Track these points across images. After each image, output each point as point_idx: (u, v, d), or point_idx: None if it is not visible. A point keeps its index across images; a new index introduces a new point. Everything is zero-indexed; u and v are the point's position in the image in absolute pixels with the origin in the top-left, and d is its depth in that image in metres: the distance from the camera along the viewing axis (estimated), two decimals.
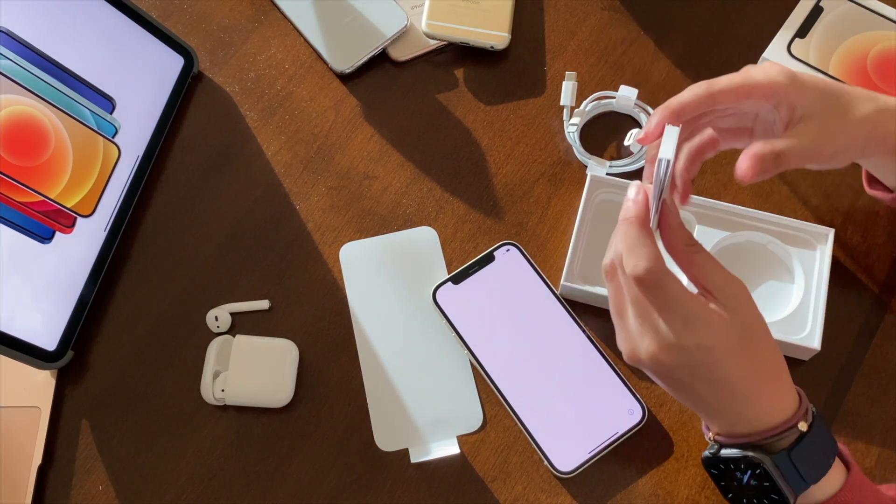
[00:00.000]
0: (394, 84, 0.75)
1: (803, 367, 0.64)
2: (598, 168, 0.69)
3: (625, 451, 0.61)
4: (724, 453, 0.52)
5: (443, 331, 0.65)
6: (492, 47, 0.74)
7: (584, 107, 0.72)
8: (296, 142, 0.72)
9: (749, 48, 0.74)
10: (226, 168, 0.71)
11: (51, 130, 0.63)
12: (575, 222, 0.66)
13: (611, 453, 0.61)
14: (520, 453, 0.62)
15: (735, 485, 0.52)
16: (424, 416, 0.63)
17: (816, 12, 0.73)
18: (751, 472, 0.50)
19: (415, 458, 0.60)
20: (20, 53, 0.61)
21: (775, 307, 0.64)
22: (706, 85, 0.52)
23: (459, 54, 0.76)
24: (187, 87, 0.74)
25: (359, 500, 0.61)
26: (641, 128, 0.71)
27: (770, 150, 0.51)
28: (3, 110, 0.60)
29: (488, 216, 0.69)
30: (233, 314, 0.66)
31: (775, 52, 0.72)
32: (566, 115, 0.72)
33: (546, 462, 0.61)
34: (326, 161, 0.72)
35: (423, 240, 0.69)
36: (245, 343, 0.63)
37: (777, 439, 0.49)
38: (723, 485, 0.54)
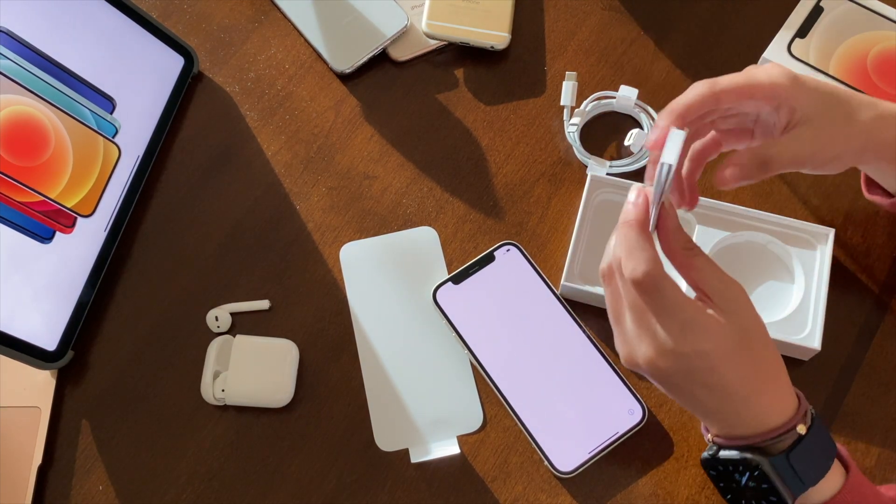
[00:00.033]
0: (394, 84, 0.75)
1: (803, 367, 0.64)
2: (598, 168, 0.69)
3: (625, 451, 0.61)
4: (723, 455, 0.52)
5: (443, 331, 0.65)
6: (492, 47, 0.74)
7: (584, 107, 0.72)
8: (296, 142, 0.72)
9: (749, 48, 0.74)
10: (226, 168, 0.71)
11: (51, 130, 0.63)
12: (575, 222, 0.66)
13: (611, 453, 0.61)
14: (520, 453, 0.62)
15: (734, 486, 0.52)
16: (424, 416, 0.63)
17: (816, 12, 0.73)
18: (749, 473, 0.50)
19: (415, 458, 0.60)
20: (20, 53, 0.61)
21: (775, 307, 0.64)
22: (709, 84, 0.52)
23: (459, 54, 0.76)
24: (187, 87, 0.74)
25: (359, 500, 0.61)
26: (642, 128, 0.71)
27: (755, 157, 0.51)
28: (3, 110, 0.60)
29: (488, 216, 0.69)
30: (233, 314, 0.66)
31: (775, 52, 0.72)
32: (566, 115, 0.72)
33: (546, 462, 0.61)
34: (326, 161, 0.72)
35: (424, 240, 0.69)
36: (245, 343, 0.63)
37: (775, 442, 0.49)
38: (722, 486, 0.53)
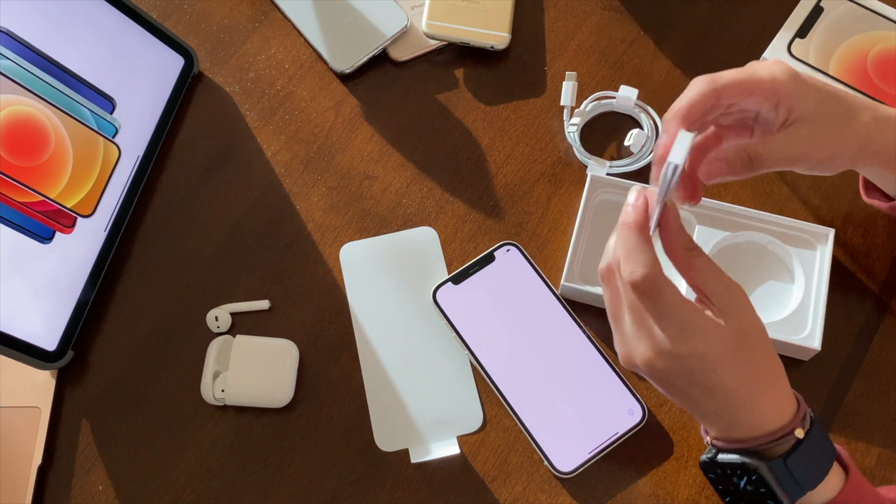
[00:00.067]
0: (394, 84, 0.75)
1: (803, 368, 0.64)
2: (598, 168, 0.69)
3: (625, 451, 0.61)
4: (721, 458, 0.51)
5: (443, 331, 0.65)
6: (492, 47, 0.74)
7: (584, 107, 0.72)
8: (296, 142, 0.72)
9: (749, 48, 0.74)
10: (226, 168, 0.71)
11: (51, 130, 0.63)
12: (575, 222, 0.66)
13: (611, 453, 0.61)
14: (520, 453, 0.62)
15: (732, 490, 0.52)
16: (424, 416, 0.63)
17: (816, 12, 0.73)
18: (747, 478, 0.50)
19: (415, 458, 0.60)
20: (20, 53, 0.61)
21: (775, 307, 0.64)
22: (710, 80, 0.51)
23: (459, 54, 0.76)
24: (187, 87, 0.74)
25: (359, 500, 0.61)
26: (642, 128, 0.71)
27: (743, 153, 0.51)
28: (3, 110, 0.60)
29: (488, 216, 0.69)
30: (233, 314, 0.66)
31: (775, 52, 0.72)
32: (566, 115, 0.72)
33: (546, 462, 0.61)
34: (326, 161, 0.72)
35: (424, 240, 0.69)
36: (245, 343, 0.63)
37: (773, 445, 0.49)
38: (720, 489, 0.53)
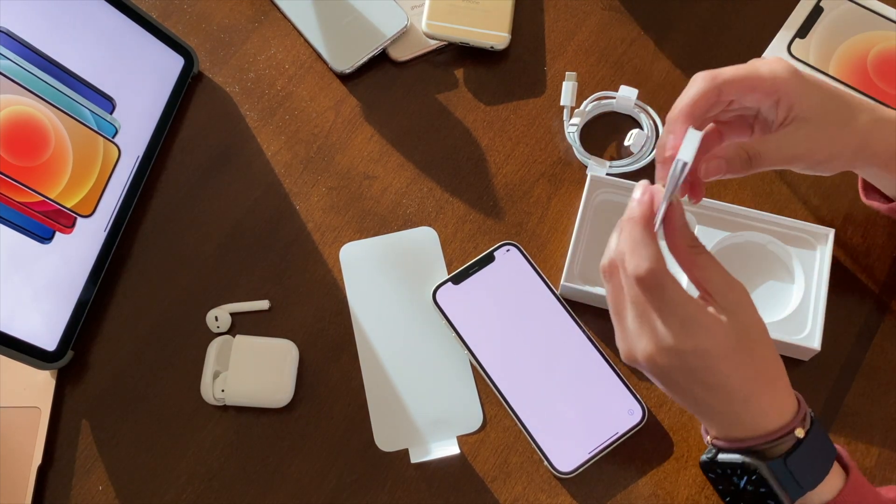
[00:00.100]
0: (394, 84, 0.75)
1: (803, 368, 0.64)
2: (598, 168, 0.69)
3: (625, 451, 0.61)
4: (721, 458, 0.51)
5: (443, 331, 0.65)
6: (492, 47, 0.74)
7: (584, 107, 0.72)
8: (296, 142, 0.72)
9: (749, 48, 0.74)
10: (226, 168, 0.71)
11: (51, 130, 0.63)
12: (575, 222, 0.66)
13: (611, 453, 0.61)
14: (520, 453, 0.62)
15: (732, 489, 0.52)
16: (424, 416, 0.63)
17: (816, 12, 0.73)
18: (747, 477, 0.50)
19: (415, 458, 0.60)
20: (20, 53, 0.61)
21: (775, 307, 0.64)
22: (710, 76, 0.52)
23: (459, 54, 0.76)
24: (187, 87, 0.74)
25: (359, 500, 0.61)
26: (642, 128, 0.71)
27: (742, 151, 0.51)
28: (3, 110, 0.60)
29: (488, 216, 0.69)
30: (233, 314, 0.66)
31: (775, 52, 0.72)
32: (566, 115, 0.72)
33: (546, 462, 0.61)
34: (326, 161, 0.72)
35: (423, 240, 0.69)
36: (245, 343, 0.63)
37: (773, 445, 0.49)
38: (720, 489, 0.53)
